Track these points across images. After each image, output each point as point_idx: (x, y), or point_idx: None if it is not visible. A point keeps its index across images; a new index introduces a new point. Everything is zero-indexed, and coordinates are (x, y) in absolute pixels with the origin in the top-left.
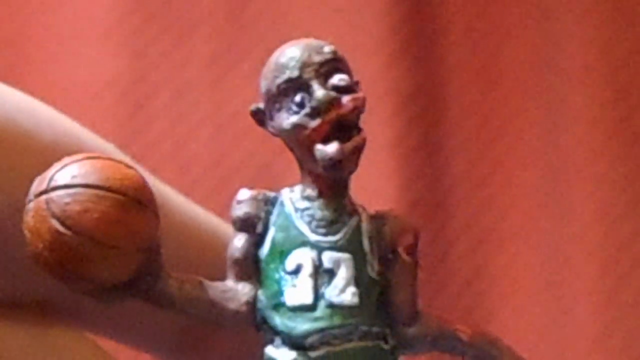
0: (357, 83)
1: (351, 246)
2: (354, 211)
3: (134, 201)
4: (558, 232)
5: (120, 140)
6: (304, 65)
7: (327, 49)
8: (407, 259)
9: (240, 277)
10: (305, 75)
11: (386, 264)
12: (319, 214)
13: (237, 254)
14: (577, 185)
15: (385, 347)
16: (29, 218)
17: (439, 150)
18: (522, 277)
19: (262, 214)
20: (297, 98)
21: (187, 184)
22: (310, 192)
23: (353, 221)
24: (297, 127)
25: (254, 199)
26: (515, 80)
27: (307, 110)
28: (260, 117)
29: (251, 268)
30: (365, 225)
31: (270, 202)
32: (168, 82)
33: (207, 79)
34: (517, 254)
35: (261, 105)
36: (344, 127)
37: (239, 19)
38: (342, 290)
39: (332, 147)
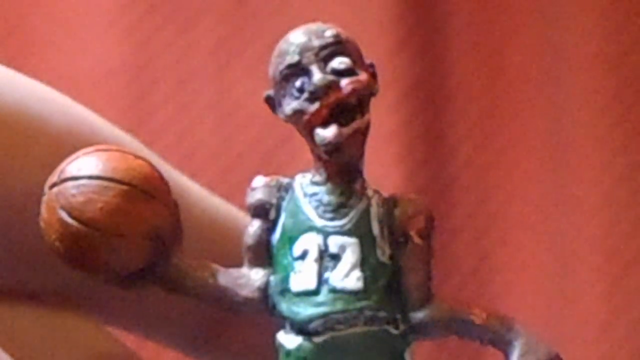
0: (370, 65)
1: (358, 230)
2: (363, 195)
3: (139, 190)
4: (562, 220)
5: (124, 129)
6: (303, 50)
7: (329, 32)
8: (418, 241)
9: (253, 263)
10: (305, 60)
11: (398, 248)
12: (326, 198)
13: (250, 240)
14: (582, 173)
15: (395, 332)
16: (42, 210)
17: (444, 138)
18: (526, 266)
19: (275, 201)
20: (298, 83)
21: (191, 172)
22: (319, 177)
23: (361, 205)
24: (297, 112)
25: (267, 185)
26: (520, 69)
27: (306, 95)
28: (272, 104)
29: (264, 254)
30: (374, 209)
31: (284, 189)
32: (172, 70)
33: (211, 67)
34: (521, 243)
35: (271, 91)
36: (344, 111)
37: (243, 7)
38: (346, 275)
39: (330, 131)
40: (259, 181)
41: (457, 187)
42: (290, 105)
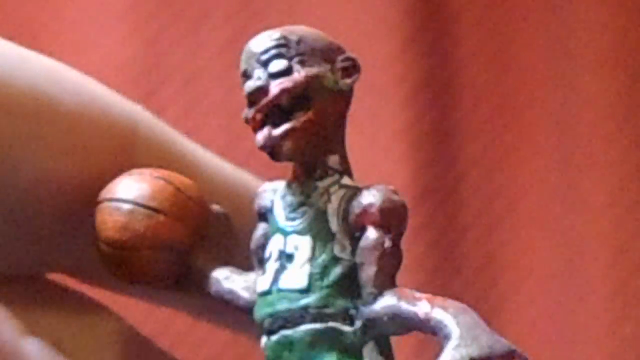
0: (346, 59)
1: (314, 228)
2: (327, 192)
3: (143, 207)
4: (571, 218)
5: None
6: (248, 57)
7: (275, 35)
8: (371, 234)
9: (258, 267)
10: (249, 67)
11: (356, 242)
12: (289, 199)
13: (252, 244)
14: (590, 172)
15: (347, 328)
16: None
17: (452, 136)
18: (534, 264)
19: (269, 205)
20: (244, 90)
21: None
22: (289, 178)
23: (320, 202)
24: (245, 119)
25: (265, 190)
26: (529, 67)
27: (247, 101)
28: None
29: (262, 258)
30: (333, 205)
31: (275, 192)
32: (180, 68)
33: (220, 65)
34: (529, 241)
35: None
36: (276, 114)
37: (252, 6)
38: (294, 274)
39: (259, 135)
40: (263, 186)
41: (465, 185)
42: (243, 113)
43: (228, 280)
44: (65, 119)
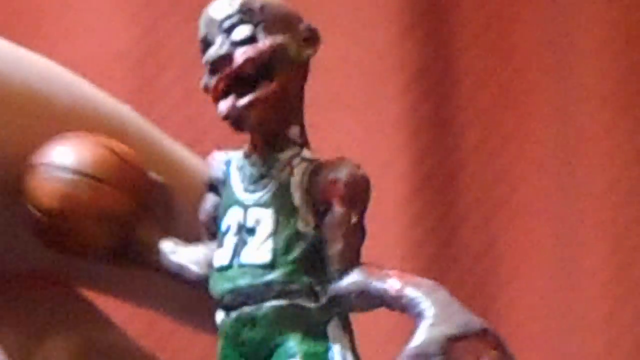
0: (307, 29)
1: (276, 202)
2: (288, 164)
3: (87, 177)
4: (569, 207)
5: None
6: (209, 24)
7: (236, 2)
8: (337, 209)
9: (207, 239)
10: (209, 34)
11: (320, 217)
12: (248, 170)
13: (202, 216)
14: (589, 160)
15: (311, 305)
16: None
17: (451, 124)
18: (532, 252)
19: (222, 175)
20: (204, 58)
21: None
22: (246, 149)
23: (283, 175)
24: (204, 87)
25: (217, 160)
26: (527, 55)
27: (207, 69)
28: None
29: (214, 230)
30: (297, 178)
31: (229, 163)
32: (179, 55)
33: None
34: (528, 229)
35: None
36: (240, 82)
37: None
38: (256, 249)
39: (222, 104)
40: (212, 156)
41: (464, 174)
42: (201, 81)
43: (175, 254)
44: (57, 116)
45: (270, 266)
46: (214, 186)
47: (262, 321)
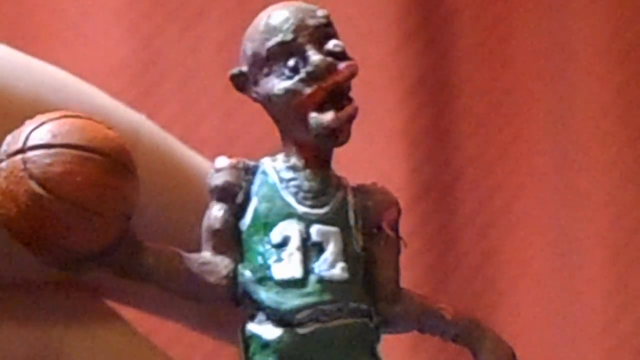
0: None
1: (338, 219)
2: (339, 184)
3: (119, 164)
4: (568, 216)
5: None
6: (298, 29)
7: (321, 12)
8: (391, 234)
9: (218, 250)
10: (300, 39)
11: (370, 240)
12: (306, 185)
13: (217, 224)
14: (587, 169)
15: (371, 324)
16: (1, 180)
17: (449, 134)
18: (531, 262)
19: (243, 184)
20: (291, 62)
21: None
22: (296, 162)
23: (340, 194)
24: (290, 92)
25: (234, 167)
26: (526, 64)
27: (302, 75)
28: (242, 81)
29: (230, 240)
30: (350, 199)
31: (251, 171)
32: (177, 66)
33: (217, 64)
34: (526, 239)
35: (244, 68)
36: (337, 95)
37: (248, 5)
38: (331, 265)
39: (328, 116)
40: (224, 162)
41: (462, 183)
42: (280, 85)
43: (182, 261)
44: None
45: (347, 284)
46: (230, 193)
47: (338, 340)
